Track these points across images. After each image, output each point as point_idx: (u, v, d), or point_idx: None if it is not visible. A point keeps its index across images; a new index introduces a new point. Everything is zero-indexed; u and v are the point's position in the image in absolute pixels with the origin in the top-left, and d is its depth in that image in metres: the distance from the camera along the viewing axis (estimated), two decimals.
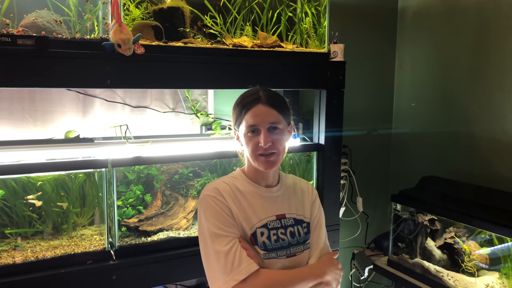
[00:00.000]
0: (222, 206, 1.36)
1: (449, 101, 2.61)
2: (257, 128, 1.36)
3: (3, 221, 1.69)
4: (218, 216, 1.34)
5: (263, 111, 1.36)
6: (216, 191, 1.38)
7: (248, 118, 1.36)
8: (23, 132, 1.92)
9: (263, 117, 1.35)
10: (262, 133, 1.35)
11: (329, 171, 2.09)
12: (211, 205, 1.36)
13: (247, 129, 1.37)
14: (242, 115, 1.39)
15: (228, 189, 1.40)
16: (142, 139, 1.96)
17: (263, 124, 1.35)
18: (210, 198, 1.37)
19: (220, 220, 1.34)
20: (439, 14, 2.65)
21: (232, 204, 1.37)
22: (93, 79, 1.56)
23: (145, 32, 1.75)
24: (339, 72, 2.06)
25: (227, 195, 1.38)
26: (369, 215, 2.75)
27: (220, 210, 1.35)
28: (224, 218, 1.34)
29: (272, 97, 1.40)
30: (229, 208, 1.36)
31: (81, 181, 1.81)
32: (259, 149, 1.36)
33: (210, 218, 1.34)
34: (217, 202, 1.36)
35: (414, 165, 2.84)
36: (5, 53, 1.41)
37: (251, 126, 1.36)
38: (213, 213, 1.35)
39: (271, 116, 1.36)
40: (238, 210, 1.37)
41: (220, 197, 1.37)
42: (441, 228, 2.31)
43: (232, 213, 1.37)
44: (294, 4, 2.20)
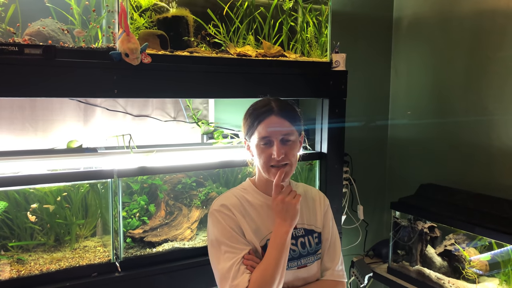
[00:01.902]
0: (229, 221, 1.35)
1: (445, 109, 2.65)
2: (270, 140, 1.36)
3: (4, 234, 1.65)
4: (225, 232, 1.34)
5: (276, 123, 1.36)
6: (224, 207, 1.37)
7: (260, 130, 1.36)
8: (23, 141, 1.89)
9: (276, 129, 1.35)
10: (275, 144, 1.35)
11: (332, 179, 2.10)
12: (218, 221, 1.36)
13: (260, 140, 1.36)
14: (254, 126, 1.38)
15: (237, 203, 1.39)
16: (145, 148, 1.95)
17: (276, 136, 1.35)
18: (218, 213, 1.37)
19: (226, 236, 1.34)
20: (435, 24, 2.69)
21: (241, 218, 1.37)
22: (101, 89, 1.54)
23: (151, 41, 1.74)
24: (341, 81, 2.08)
25: (236, 209, 1.38)
26: (368, 223, 2.76)
27: (227, 226, 1.34)
28: (231, 234, 1.34)
29: (285, 108, 1.40)
30: (237, 223, 1.36)
31: (84, 192, 1.78)
32: (271, 160, 1.36)
33: (217, 234, 1.35)
34: (225, 218, 1.36)
35: (411, 173, 2.87)
36: (12, 62, 1.39)
37: (264, 138, 1.36)
38: (220, 229, 1.35)
39: (284, 128, 1.36)
40: (247, 224, 1.37)
41: (228, 211, 1.37)
42: (441, 235, 2.34)
43: (241, 227, 1.36)
44: (296, 13, 2.22)
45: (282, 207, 1.33)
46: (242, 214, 1.37)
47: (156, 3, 1.89)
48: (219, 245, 1.34)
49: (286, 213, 1.33)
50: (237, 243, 1.33)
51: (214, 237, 1.35)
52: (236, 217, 1.36)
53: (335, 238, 1.50)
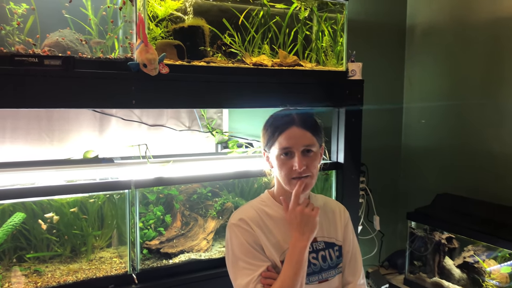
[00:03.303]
0: (247, 236, 1.33)
1: (461, 118, 2.62)
2: (291, 151, 1.33)
3: (21, 245, 1.64)
4: (242, 247, 1.32)
5: (297, 134, 1.33)
6: (242, 221, 1.34)
7: (281, 141, 1.34)
8: (40, 151, 1.89)
9: (297, 140, 1.33)
10: (296, 156, 1.32)
11: (349, 190, 2.08)
12: (236, 236, 1.33)
13: (280, 151, 1.34)
14: (274, 137, 1.36)
15: (256, 216, 1.37)
16: (161, 158, 1.94)
17: (297, 147, 1.32)
18: (236, 228, 1.34)
19: (244, 252, 1.31)
20: (449, 31, 2.67)
21: (260, 233, 1.34)
22: (119, 99, 1.54)
23: (168, 51, 1.74)
24: (357, 91, 2.06)
25: (254, 223, 1.35)
26: (383, 233, 2.73)
27: (245, 242, 1.32)
28: (249, 250, 1.31)
29: (306, 119, 1.37)
30: (255, 238, 1.33)
31: (101, 203, 1.77)
32: (293, 172, 1.33)
33: (235, 249, 1.33)
34: (243, 232, 1.33)
35: (426, 182, 2.83)
36: (32, 73, 1.39)
37: (285, 149, 1.33)
38: (238, 245, 1.32)
39: (305, 139, 1.33)
40: (266, 238, 1.34)
41: (246, 226, 1.34)
42: (459, 246, 2.30)
43: (260, 242, 1.33)
44: (310, 22, 2.21)
45: (301, 219, 1.30)
46: (260, 228, 1.35)
47: (173, 13, 1.89)
48: (237, 261, 1.31)
49: (304, 226, 1.29)
50: (255, 259, 1.30)
51: (232, 252, 1.33)
52: (255, 231, 1.34)
53: (356, 251, 1.47)
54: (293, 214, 1.31)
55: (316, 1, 2.13)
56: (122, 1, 1.68)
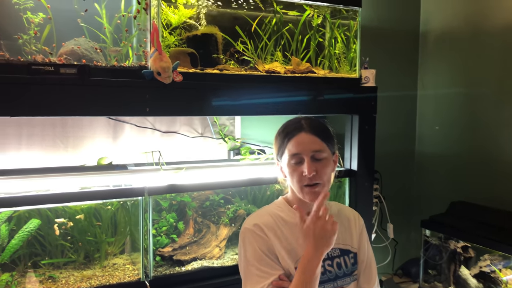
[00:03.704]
0: (261, 243, 1.32)
1: (476, 124, 2.59)
2: (300, 157, 1.32)
3: (36, 251, 1.66)
4: (255, 254, 1.31)
5: (306, 139, 1.33)
6: (256, 227, 1.33)
7: (290, 147, 1.34)
8: (54, 158, 1.91)
9: (306, 145, 1.32)
10: (305, 161, 1.31)
11: (362, 198, 2.06)
12: (249, 241, 1.33)
13: (290, 158, 1.34)
14: (284, 144, 1.36)
15: (271, 222, 1.36)
16: (174, 165, 1.95)
17: (306, 152, 1.32)
18: (250, 232, 1.33)
19: (256, 258, 1.30)
20: (463, 37, 2.64)
21: (274, 239, 1.33)
22: (133, 107, 1.55)
23: (182, 59, 1.75)
24: (371, 98, 2.05)
25: (269, 229, 1.34)
26: (397, 241, 2.70)
27: (258, 248, 1.31)
28: (261, 257, 1.30)
29: (315, 125, 1.37)
30: (269, 245, 1.32)
31: (114, 209, 1.78)
32: (303, 179, 1.32)
33: (248, 255, 1.32)
34: (257, 238, 1.32)
35: (440, 190, 2.80)
36: (48, 82, 1.40)
37: (294, 155, 1.33)
38: (251, 251, 1.32)
39: (314, 144, 1.33)
40: (280, 245, 1.33)
41: (261, 232, 1.33)
42: (475, 255, 2.26)
43: (274, 249, 1.32)
44: (323, 29, 2.21)
45: (319, 234, 1.24)
46: (275, 235, 1.34)
47: (186, 21, 1.90)
48: (249, 267, 1.31)
49: (320, 240, 1.24)
50: (267, 266, 1.29)
51: (245, 257, 1.33)
52: (269, 238, 1.33)
53: (371, 258, 1.46)
54: (311, 228, 1.25)
55: (329, 8, 2.13)
56: (137, 10, 1.69)
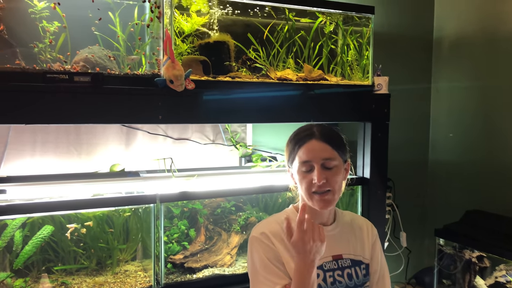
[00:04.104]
0: (267, 251, 1.31)
1: (491, 132, 2.55)
2: (311, 164, 1.31)
3: (49, 257, 1.67)
4: (261, 262, 1.31)
5: (316, 147, 1.32)
6: (263, 235, 1.33)
7: (301, 154, 1.33)
8: (68, 164, 1.93)
9: (316, 153, 1.31)
10: (315, 169, 1.30)
11: (375, 206, 2.04)
12: (257, 250, 1.33)
13: (300, 165, 1.33)
14: (295, 151, 1.35)
15: (278, 230, 1.35)
16: (186, 172, 1.95)
17: (316, 160, 1.31)
18: (257, 241, 1.34)
19: (263, 267, 1.30)
20: (478, 43, 2.61)
21: (281, 248, 1.32)
22: (146, 115, 1.56)
23: (194, 67, 1.75)
24: (384, 105, 2.03)
25: (276, 238, 1.33)
26: (410, 250, 2.66)
27: (264, 256, 1.31)
28: (268, 265, 1.30)
29: (327, 132, 1.36)
30: (275, 253, 1.31)
31: (126, 216, 1.79)
32: (313, 186, 1.31)
33: (255, 263, 1.32)
34: (263, 247, 1.32)
35: (455, 198, 2.75)
36: (62, 90, 1.42)
37: (304, 162, 1.32)
38: (258, 259, 1.32)
39: (325, 152, 1.32)
40: (288, 254, 1.31)
41: (267, 241, 1.32)
42: (491, 265, 2.22)
43: (281, 257, 1.32)
44: (336, 36, 2.20)
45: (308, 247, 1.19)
46: (283, 244, 1.32)
47: (198, 29, 1.91)
48: (257, 275, 1.31)
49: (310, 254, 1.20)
50: (273, 275, 1.29)
51: (253, 265, 1.33)
52: (276, 246, 1.32)
53: (384, 270, 1.44)
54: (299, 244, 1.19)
55: (341, 15, 2.12)
56: (150, 18, 1.71)
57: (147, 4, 1.71)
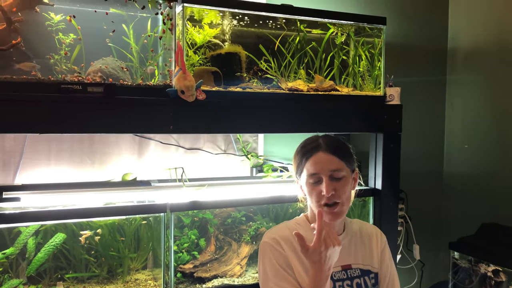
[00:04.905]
0: (278, 257, 1.32)
1: (506, 143, 2.50)
2: (319, 177, 1.32)
3: (61, 264, 1.70)
4: (273, 269, 1.31)
5: (323, 159, 1.32)
6: (274, 241, 1.34)
7: (308, 167, 1.33)
8: (81, 173, 1.96)
9: (323, 165, 1.32)
10: (324, 181, 1.31)
11: (387, 218, 2.01)
12: (267, 255, 1.33)
13: (309, 177, 1.34)
14: (302, 163, 1.36)
15: (289, 236, 1.35)
16: (197, 181, 1.96)
17: (324, 172, 1.31)
18: (268, 246, 1.34)
19: (273, 272, 1.30)
20: (494, 54, 2.58)
21: (291, 254, 1.33)
22: (157, 124, 1.58)
23: (205, 77, 1.78)
24: (396, 116, 2.02)
25: (287, 244, 1.34)
26: (424, 263, 2.61)
27: (275, 262, 1.31)
28: (278, 270, 1.30)
29: (333, 143, 1.36)
30: (286, 259, 1.32)
31: (137, 225, 1.80)
32: (322, 198, 1.31)
33: (266, 269, 1.32)
34: (274, 252, 1.33)
35: (470, 211, 2.70)
36: (76, 100, 1.45)
37: (312, 175, 1.32)
38: (269, 264, 1.32)
39: (332, 164, 1.32)
40: (297, 260, 1.32)
41: (278, 246, 1.33)
42: (507, 280, 2.16)
43: (291, 263, 1.32)
44: (347, 47, 2.20)
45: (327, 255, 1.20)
46: (293, 250, 1.33)
47: (210, 40, 1.94)
48: (267, 282, 1.31)
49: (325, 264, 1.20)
50: (284, 281, 1.29)
51: (264, 272, 1.34)
52: (286, 252, 1.33)
53: (393, 277, 1.42)
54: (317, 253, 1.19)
55: (352, 26, 2.13)
56: (162, 30, 1.74)
57: (160, 16, 1.75)
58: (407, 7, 2.72)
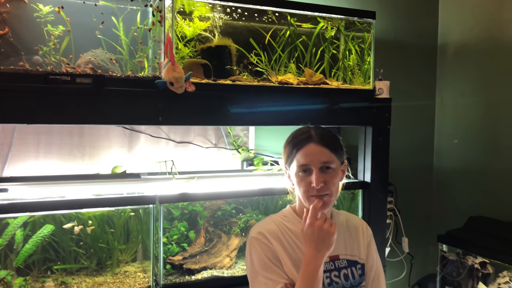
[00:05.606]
0: (266, 250, 1.32)
1: (496, 138, 2.53)
2: (309, 168, 1.32)
3: (50, 256, 1.70)
4: (261, 262, 1.31)
5: (314, 150, 1.33)
6: (261, 235, 1.34)
7: (299, 158, 1.34)
8: (71, 166, 1.95)
9: (314, 157, 1.32)
10: (314, 173, 1.31)
11: (375, 210, 2.03)
12: (255, 249, 1.34)
13: (298, 168, 1.34)
14: (293, 154, 1.36)
15: (276, 230, 1.36)
16: (187, 174, 1.97)
17: (314, 164, 1.31)
18: (256, 241, 1.34)
19: (262, 265, 1.31)
20: (484, 50, 2.60)
21: (279, 247, 1.33)
22: (146, 116, 1.58)
23: (195, 70, 1.78)
24: (385, 109, 2.03)
25: (274, 237, 1.34)
26: (413, 256, 2.64)
27: (263, 255, 1.31)
28: (266, 263, 1.31)
29: (324, 135, 1.37)
30: (273, 252, 1.32)
31: (127, 217, 1.81)
32: (311, 190, 1.32)
33: (255, 264, 1.33)
34: (262, 246, 1.33)
35: (459, 204, 2.73)
36: (64, 91, 1.45)
37: (303, 166, 1.33)
38: (257, 258, 1.32)
39: (323, 156, 1.32)
40: (285, 253, 1.33)
41: (265, 240, 1.33)
42: (494, 272, 2.19)
43: (278, 255, 1.32)
44: (337, 41, 2.22)
45: (319, 235, 1.25)
46: (280, 242, 1.34)
47: (201, 33, 1.94)
48: (256, 276, 1.31)
49: (322, 243, 1.25)
50: (273, 274, 1.30)
51: (251, 266, 1.34)
52: (273, 245, 1.33)
53: (379, 270, 1.43)
54: (310, 230, 1.26)
55: (342, 20, 2.14)
56: (152, 22, 1.74)
57: (149, 9, 1.75)
58: (398, 2, 2.73)
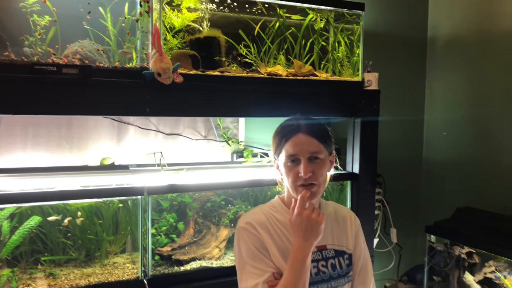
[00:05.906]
0: (254, 240, 1.33)
1: (484, 130, 2.56)
2: (297, 158, 1.33)
3: (38, 248, 1.69)
4: (249, 252, 1.32)
5: (303, 141, 1.33)
6: (249, 225, 1.35)
7: (287, 148, 1.34)
8: (59, 158, 1.94)
9: (303, 147, 1.32)
10: (302, 163, 1.32)
11: (364, 201, 2.05)
12: (243, 239, 1.34)
13: (287, 158, 1.34)
14: (281, 144, 1.37)
15: (264, 220, 1.37)
16: (176, 166, 1.97)
17: (303, 154, 1.32)
18: (243, 230, 1.35)
19: (250, 255, 1.31)
20: (472, 42, 2.62)
21: (267, 237, 1.34)
22: (133, 107, 1.58)
23: (183, 61, 1.77)
24: (373, 101, 2.04)
25: (261, 227, 1.35)
26: (401, 247, 2.67)
27: (251, 245, 1.32)
28: (254, 253, 1.31)
29: (313, 126, 1.37)
30: (261, 242, 1.33)
31: (115, 208, 1.81)
32: (299, 179, 1.32)
33: (243, 253, 1.33)
34: (250, 236, 1.33)
35: (447, 195, 2.76)
36: (50, 81, 1.44)
37: (291, 156, 1.33)
38: (245, 248, 1.33)
39: (311, 146, 1.33)
40: (273, 243, 1.33)
41: (253, 230, 1.34)
42: (480, 262, 2.22)
43: (266, 245, 1.33)
44: (327, 33, 2.22)
45: (307, 224, 1.26)
46: (268, 232, 1.34)
47: (189, 24, 1.93)
48: (244, 265, 1.32)
49: (310, 232, 1.26)
50: (261, 263, 1.30)
51: (239, 256, 1.34)
52: (261, 235, 1.34)
53: (366, 260, 1.45)
54: (298, 219, 1.27)
55: (332, 12, 2.14)
56: (139, 13, 1.73)
57: None
58: None
